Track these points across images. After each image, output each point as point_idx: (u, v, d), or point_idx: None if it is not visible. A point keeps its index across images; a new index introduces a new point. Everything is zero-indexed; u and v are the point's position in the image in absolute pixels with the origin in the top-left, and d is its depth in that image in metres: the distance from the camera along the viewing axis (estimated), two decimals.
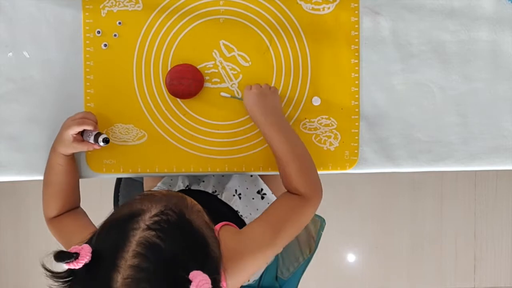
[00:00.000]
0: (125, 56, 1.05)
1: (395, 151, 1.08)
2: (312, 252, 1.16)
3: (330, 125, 1.07)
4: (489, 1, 1.05)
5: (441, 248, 2.04)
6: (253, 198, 1.11)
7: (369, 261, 2.05)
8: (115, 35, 1.05)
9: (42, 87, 1.06)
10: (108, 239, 0.70)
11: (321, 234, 1.17)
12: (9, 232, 2.04)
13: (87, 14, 1.05)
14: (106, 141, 0.98)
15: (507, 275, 2.06)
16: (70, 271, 0.66)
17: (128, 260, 0.66)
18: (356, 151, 1.07)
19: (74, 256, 0.65)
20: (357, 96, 1.06)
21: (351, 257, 2.05)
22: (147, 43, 1.05)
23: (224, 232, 0.86)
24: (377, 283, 2.05)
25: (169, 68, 1.05)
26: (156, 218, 0.70)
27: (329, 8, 1.05)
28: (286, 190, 0.97)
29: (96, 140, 0.98)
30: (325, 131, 1.07)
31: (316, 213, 1.17)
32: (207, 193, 1.11)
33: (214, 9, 1.05)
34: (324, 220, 1.16)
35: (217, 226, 0.86)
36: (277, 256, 1.11)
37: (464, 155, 1.08)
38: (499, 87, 1.07)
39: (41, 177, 1.07)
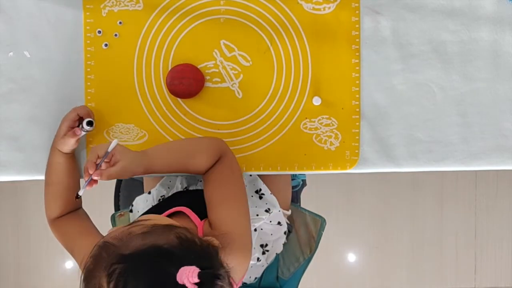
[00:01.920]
0: (125, 55, 1.05)
1: (395, 151, 1.08)
2: (312, 252, 1.16)
3: (331, 125, 1.07)
4: (490, 1, 1.05)
5: (441, 248, 2.04)
6: (251, 196, 1.11)
7: (369, 261, 2.05)
8: (115, 35, 1.05)
9: (42, 87, 1.06)
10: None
11: (322, 234, 1.17)
12: (10, 231, 2.05)
13: (87, 13, 1.05)
14: (90, 124, 0.96)
15: (508, 275, 2.06)
16: None
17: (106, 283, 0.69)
18: (356, 151, 1.07)
19: None
20: (357, 96, 1.06)
21: (351, 257, 2.05)
22: (148, 43, 1.05)
23: (206, 225, 0.90)
24: (378, 283, 2.05)
25: (169, 68, 1.05)
26: (112, 284, 0.71)
27: (329, 8, 1.05)
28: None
29: (80, 125, 0.98)
30: (326, 131, 1.07)
31: (317, 213, 1.17)
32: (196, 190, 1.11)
33: (214, 9, 1.05)
34: (324, 220, 1.16)
35: (202, 222, 0.89)
36: (277, 256, 1.11)
37: (464, 155, 1.08)
38: (500, 87, 1.07)
39: (41, 177, 1.07)
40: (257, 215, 1.05)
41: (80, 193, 0.88)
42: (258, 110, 1.06)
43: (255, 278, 1.05)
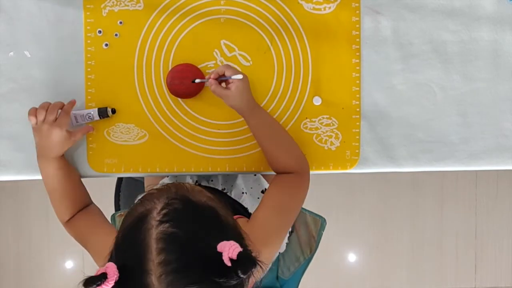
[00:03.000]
0: (126, 55, 1.05)
1: (396, 151, 1.08)
2: (312, 252, 1.16)
3: (331, 124, 1.07)
4: (490, 1, 1.05)
5: (441, 248, 2.04)
6: (258, 198, 1.11)
7: (369, 261, 2.05)
8: (116, 35, 1.05)
9: (43, 87, 1.07)
10: (128, 249, 0.70)
11: (322, 234, 1.17)
12: (10, 231, 2.05)
13: (88, 13, 1.05)
14: (114, 111, 1.04)
15: (508, 275, 2.06)
16: None
17: (154, 260, 0.65)
18: (357, 150, 1.07)
19: (103, 277, 0.65)
20: (358, 95, 1.06)
21: (351, 257, 2.05)
22: (148, 43, 1.05)
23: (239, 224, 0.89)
24: (378, 282, 2.05)
25: (170, 68, 1.05)
26: (164, 211, 0.70)
27: (330, 7, 1.05)
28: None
29: (103, 115, 1.02)
30: (326, 131, 1.07)
31: (318, 213, 1.17)
32: (218, 190, 1.12)
33: (215, 9, 1.05)
34: (325, 220, 1.16)
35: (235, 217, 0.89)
36: (278, 256, 1.11)
37: (464, 155, 1.08)
38: (500, 87, 1.07)
39: (41, 176, 1.07)
40: None
41: (197, 80, 1.01)
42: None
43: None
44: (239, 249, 0.64)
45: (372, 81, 1.06)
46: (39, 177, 1.07)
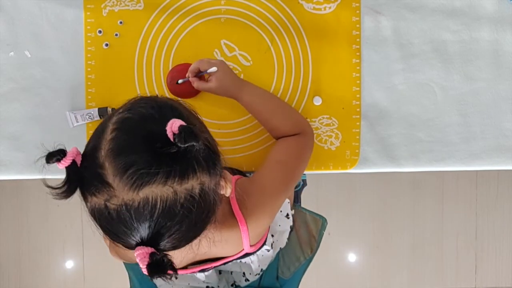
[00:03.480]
0: (126, 55, 1.05)
1: (396, 151, 1.08)
2: (313, 252, 1.16)
3: (331, 124, 1.07)
4: (490, 1, 1.05)
5: (442, 248, 2.04)
6: None
7: (370, 260, 2.05)
8: (116, 35, 1.05)
9: (43, 87, 1.07)
10: (92, 136, 0.72)
11: (323, 233, 1.17)
12: (11, 231, 2.05)
13: (88, 13, 1.05)
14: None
15: (508, 275, 2.05)
16: (67, 176, 0.68)
17: (107, 138, 0.68)
18: (357, 150, 1.07)
19: (61, 153, 0.67)
20: (358, 95, 1.06)
21: (352, 257, 2.05)
22: (148, 43, 1.05)
23: (240, 181, 0.91)
24: (378, 282, 2.05)
25: (170, 68, 1.05)
26: (127, 105, 0.72)
27: (330, 7, 1.05)
28: None
29: (103, 115, 1.03)
30: (326, 131, 1.07)
31: (318, 212, 1.17)
32: None
33: (215, 9, 1.05)
34: (325, 219, 1.16)
35: (234, 178, 0.90)
36: (278, 256, 1.11)
37: (465, 155, 1.08)
38: (501, 87, 1.07)
39: (41, 176, 1.07)
40: None
41: (180, 81, 1.03)
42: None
43: (261, 270, 1.05)
44: (182, 123, 0.65)
45: (373, 81, 1.06)
46: (40, 176, 1.07)
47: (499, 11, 1.06)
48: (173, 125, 0.64)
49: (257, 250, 0.96)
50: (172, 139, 0.64)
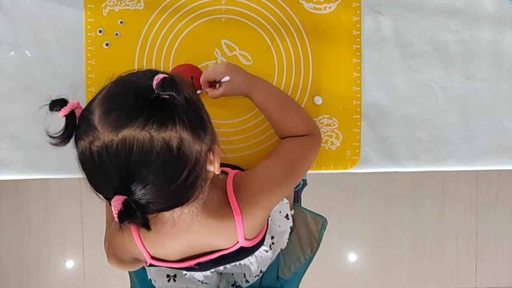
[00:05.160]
0: (126, 55, 1.06)
1: (396, 151, 1.07)
2: (313, 251, 1.16)
3: (332, 124, 1.06)
4: (490, 1, 1.05)
5: (442, 248, 2.04)
6: None
7: (370, 260, 2.05)
8: (116, 34, 1.05)
9: (43, 86, 1.07)
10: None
11: (323, 233, 1.17)
12: (11, 231, 2.05)
13: (88, 13, 1.05)
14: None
15: (509, 275, 2.05)
16: (65, 123, 0.73)
17: (103, 91, 0.74)
18: (357, 150, 1.07)
19: (63, 102, 0.72)
20: (358, 95, 1.06)
21: (352, 257, 2.05)
22: (149, 42, 1.05)
23: (239, 174, 0.92)
24: (378, 282, 2.05)
25: (170, 68, 1.05)
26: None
27: (330, 7, 1.05)
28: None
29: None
30: (327, 131, 1.07)
31: (318, 212, 1.17)
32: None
33: (215, 8, 1.05)
34: (325, 219, 1.16)
35: (234, 171, 0.93)
36: (278, 256, 1.11)
37: (465, 155, 1.08)
38: (501, 87, 1.07)
39: (42, 176, 1.07)
40: None
41: (198, 92, 1.00)
42: (259, 110, 1.06)
43: (261, 271, 1.05)
44: (165, 76, 0.69)
45: (373, 81, 1.06)
46: (40, 175, 1.07)
47: (499, 11, 1.06)
48: (159, 77, 0.69)
49: (254, 247, 0.96)
50: (154, 87, 0.69)
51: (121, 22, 1.05)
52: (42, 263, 2.05)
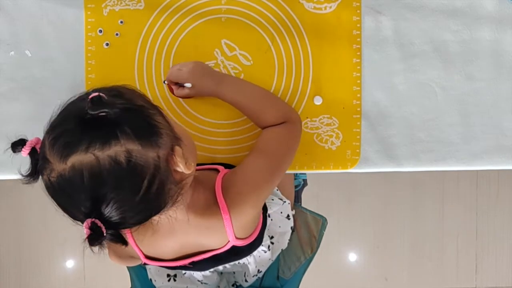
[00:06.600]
0: (127, 55, 1.05)
1: (396, 151, 1.07)
2: (313, 251, 1.16)
3: (332, 124, 1.06)
4: (491, 1, 1.05)
5: (442, 247, 2.04)
6: None
7: (370, 260, 2.05)
8: (117, 34, 1.05)
9: (43, 86, 1.07)
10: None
11: (323, 233, 1.17)
12: (10, 231, 2.05)
13: (89, 13, 1.05)
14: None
15: (509, 274, 2.05)
16: (30, 162, 0.75)
17: (50, 120, 0.75)
18: (357, 150, 1.07)
19: (20, 143, 0.75)
20: (358, 95, 1.06)
21: (352, 257, 2.05)
22: (149, 42, 1.05)
23: (227, 174, 0.92)
24: (378, 282, 2.05)
25: (170, 67, 1.05)
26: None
27: (331, 7, 1.05)
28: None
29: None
30: (327, 130, 1.07)
31: (318, 212, 1.17)
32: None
33: (215, 8, 1.05)
34: (325, 219, 1.16)
35: (226, 170, 0.93)
36: (278, 256, 1.11)
37: (465, 155, 1.08)
38: (501, 87, 1.07)
39: None
40: (273, 199, 1.07)
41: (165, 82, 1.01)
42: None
43: (258, 271, 1.05)
44: (95, 94, 0.70)
45: (373, 80, 1.06)
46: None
47: (499, 11, 1.05)
48: (91, 97, 0.69)
49: (250, 247, 0.95)
50: (88, 100, 0.69)
51: (121, 22, 1.05)
52: (42, 263, 2.05)
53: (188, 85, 0.96)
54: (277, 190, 1.14)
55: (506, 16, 1.05)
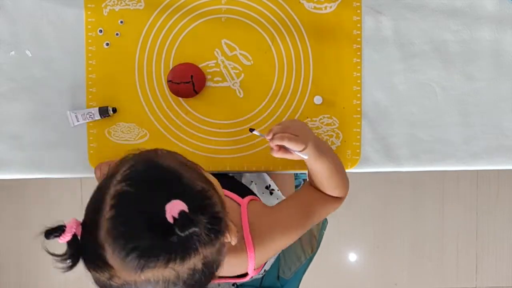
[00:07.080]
0: (127, 55, 1.05)
1: (396, 151, 1.07)
2: (314, 251, 1.16)
3: (332, 124, 1.06)
4: (491, 1, 1.05)
5: (442, 247, 2.04)
6: (263, 193, 1.12)
7: (370, 260, 2.05)
8: (117, 34, 1.05)
9: (44, 86, 1.07)
10: (90, 206, 0.71)
11: (323, 233, 1.17)
12: (10, 231, 2.05)
13: (89, 13, 1.05)
14: (114, 110, 1.04)
15: (509, 274, 2.05)
16: (68, 250, 0.68)
17: (105, 215, 0.66)
18: (357, 150, 1.07)
19: (60, 230, 0.67)
20: (359, 95, 1.06)
21: (352, 257, 2.05)
22: (149, 42, 1.05)
23: (253, 205, 0.92)
24: (379, 282, 2.05)
25: (171, 67, 1.05)
26: (125, 172, 0.69)
27: (331, 7, 1.05)
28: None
29: (104, 114, 1.03)
30: (327, 130, 1.07)
31: None
32: (227, 175, 1.12)
33: (215, 8, 1.05)
34: (326, 219, 1.16)
35: (246, 200, 0.92)
36: (279, 256, 1.11)
37: (465, 155, 1.08)
38: (501, 87, 1.07)
39: (42, 175, 1.07)
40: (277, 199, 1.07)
41: (254, 132, 0.92)
42: (259, 110, 1.06)
43: (265, 270, 1.05)
44: (183, 208, 0.63)
45: (373, 80, 1.06)
46: (40, 175, 1.07)
47: (499, 11, 1.05)
48: (173, 209, 0.63)
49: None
50: (172, 222, 0.63)
51: (121, 22, 1.05)
52: (42, 263, 2.05)
53: (304, 157, 0.88)
54: (278, 190, 1.14)
55: (506, 16, 1.05)
